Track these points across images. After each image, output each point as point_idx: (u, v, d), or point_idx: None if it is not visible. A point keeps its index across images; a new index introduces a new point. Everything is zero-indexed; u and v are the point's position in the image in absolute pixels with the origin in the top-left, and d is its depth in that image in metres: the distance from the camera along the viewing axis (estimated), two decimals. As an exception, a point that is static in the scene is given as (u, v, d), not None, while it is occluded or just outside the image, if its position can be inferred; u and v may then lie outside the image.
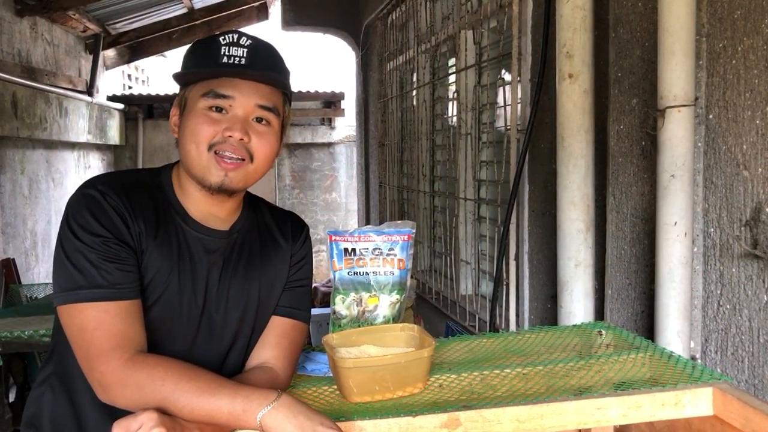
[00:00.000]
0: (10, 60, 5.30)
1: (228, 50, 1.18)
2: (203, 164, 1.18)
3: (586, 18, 2.04)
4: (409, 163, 4.76)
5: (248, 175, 1.21)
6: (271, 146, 1.22)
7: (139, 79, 11.37)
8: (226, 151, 1.17)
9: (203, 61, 1.20)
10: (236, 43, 1.19)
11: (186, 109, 1.21)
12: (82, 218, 1.13)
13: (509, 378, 1.23)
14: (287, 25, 6.59)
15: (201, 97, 1.18)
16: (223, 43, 1.19)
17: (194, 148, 1.18)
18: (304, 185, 9.37)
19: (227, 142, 1.17)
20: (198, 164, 1.18)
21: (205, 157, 1.17)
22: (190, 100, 1.21)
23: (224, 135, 1.17)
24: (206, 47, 1.21)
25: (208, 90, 1.18)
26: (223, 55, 1.18)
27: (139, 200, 1.19)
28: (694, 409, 1.13)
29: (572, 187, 2.08)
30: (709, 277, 1.68)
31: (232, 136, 1.17)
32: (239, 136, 1.17)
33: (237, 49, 1.18)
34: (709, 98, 1.66)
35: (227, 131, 1.17)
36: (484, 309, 3.22)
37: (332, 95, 9.07)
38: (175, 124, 1.24)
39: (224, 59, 1.18)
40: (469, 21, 3.44)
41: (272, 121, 1.22)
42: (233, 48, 1.18)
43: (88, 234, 1.12)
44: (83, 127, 6.79)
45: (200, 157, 1.18)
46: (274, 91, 1.23)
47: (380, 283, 1.37)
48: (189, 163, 1.20)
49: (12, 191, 5.36)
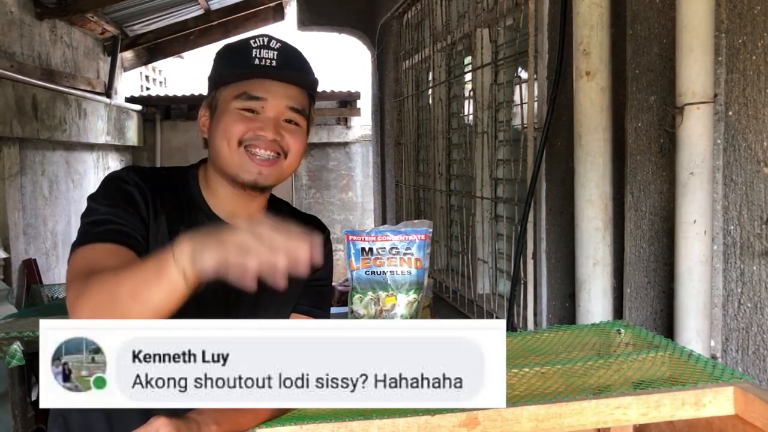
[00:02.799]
0: (31, 63, 5.37)
1: (259, 53, 1.20)
2: (236, 161, 1.20)
3: (603, 15, 2.03)
4: (425, 162, 4.75)
5: (282, 171, 1.24)
6: (302, 143, 1.25)
7: (156, 81, 11.45)
8: (257, 148, 1.20)
9: (235, 64, 1.22)
10: (267, 46, 1.21)
11: (217, 110, 1.23)
12: (103, 190, 1.19)
13: (528, 377, 1.23)
14: (303, 26, 6.61)
15: (234, 98, 1.21)
16: (254, 45, 1.21)
17: (225, 145, 1.20)
18: (320, 185, 9.39)
19: (259, 140, 1.20)
20: (230, 161, 1.21)
21: (237, 154, 1.20)
22: (221, 102, 1.23)
23: (256, 133, 1.20)
24: (237, 50, 1.23)
25: (240, 92, 1.20)
26: (254, 58, 1.20)
27: (165, 190, 1.23)
28: (715, 409, 1.12)
29: (590, 186, 2.06)
30: (730, 275, 1.66)
31: (265, 135, 1.20)
32: (272, 135, 1.20)
33: (268, 51, 1.21)
34: (728, 95, 1.64)
35: (259, 130, 1.20)
36: (501, 308, 3.21)
37: (348, 95, 9.08)
38: (204, 125, 1.27)
39: (256, 61, 1.20)
40: (485, 19, 3.43)
41: (301, 123, 1.25)
42: (264, 50, 1.20)
43: (103, 199, 1.17)
44: (102, 128, 6.86)
45: (231, 153, 1.20)
46: (303, 94, 1.26)
47: (397, 282, 1.38)
48: (221, 161, 1.22)
49: (33, 192, 5.42)
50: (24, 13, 5.30)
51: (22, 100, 4.94)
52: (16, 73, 4.91)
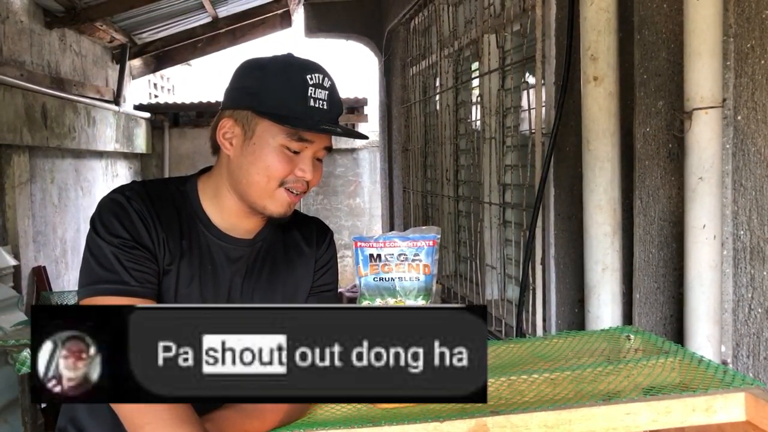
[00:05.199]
0: (40, 71, 5.40)
1: (314, 92, 1.17)
2: (269, 196, 1.20)
3: (610, 20, 2.03)
4: (432, 168, 4.75)
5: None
6: (320, 176, 1.26)
7: (164, 88, 11.51)
8: (295, 189, 1.21)
9: (290, 94, 1.17)
10: (320, 85, 1.18)
11: (255, 136, 1.19)
12: (106, 219, 1.17)
13: (537, 383, 1.22)
14: (310, 32, 6.64)
15: (282, 135, 1.17)
16: (311, 83, 1.17)
17: (265, 182, 1.19)
18: (328, 191, 9.40)
19: (299, 182, 1.20)
20: (263, 195, 1.20)
21: (275, 191, 1.20)
22: (264, 132, 1.18)
23: (297, 175, 1.20)
24: (293, 79, 1.17)
25: (293, 133, 1.17)
26: (309, 97, 1.16)
27: (164, 209, 1.22)
28: (726, 415, 1.11)
29: (598, 191, 2.06)
30: (740, 280, 1.65)
31: (305, 176, 1.20)
32: (310, 177, 1.21)
33: (321, 91, 1.18)
34: (737, 99, 1.64)
35: (300, 172, 1.20)
36: (510, 314, 3.20)
37: (355, 101, 9.10)
38: (230, 141, 1.21)
39: (311, 102, 1.17)
40: (492, 25, 3.43)
41: (324, 156, 1.26)
42: (318, 90, 1.17)
43: (110, 234, 1.16)
44: (110, 136, 6.89)
45: (269, 190, 1.20)
46: None
47: (406, 288, 1.38)
48: (251, 192, 1.21)
49: (42, 200, 5.45)
50: (34, 22, 5.34)
51: (31, 108, 4.97)
52: (26, 81, 4.94)
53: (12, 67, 4.87)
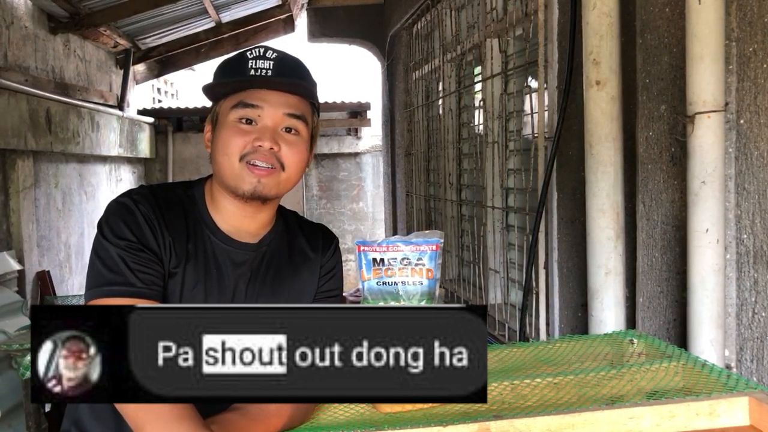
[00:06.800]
0: (44, 76, 5.42)
1: (255, 63, 1.22)
2: (235, 173, 1.21)
3: (612, 25, 2.03)
4: (435, 172, 4.76)
5: (280, 183, 1.24)
6: (301, 155, 1.25)
7: (168, 93, 11.54)
8: (257, 160, 1.21)
9: (231, 75, 1.25)
10: (263, 56, 1.23)
11: (218, 123, 1.25)
12: (113, 222, 1.19)
13: (540, 387, 1.22)
14: (313, 37, 6.65)
15: (231, 109, 1.22)
16: (250, 57, 1.23)
17: (226, 160, 1.22)
18: (331, 195, 9.41)
19: (258, 152, 1.21)
20: (230, 174, 1.22)
21: (237, 167, 1.21)
22: (221, 115, 1.25)
23: (254, 145, 1.21)
24: (234, 62, 1.25)
25: (237, 101, 1.22)
26: (250, 69, 1.22)
27: (171, 213, 1.24)
28: (729, 419, 1.11)
29: (601, 195, 2.06)
30: (743, 284, 1.65)
31: (262, 145, 1.20)
32: (269, 145, 1.20)
33: (263, 61, 1.22)
34: (740, 103, 1.64)
35: (257, 141, 1.21)
36: (513, 318, 3.20)
37: (358, 105, 9.11)
38: (208, 140, 1.29)
39: (251, 72, 1.22)
40: (494, 29, 3.44)
41: (301, 130, 1.25)
42: (260, 61, 1.22)
43: (116, 237, 1.18)
44: (114, 140, 6.91)
45: (232, 167, 1.21)
46: (302, 101, 1.26)
47: (409, 292, 1.38)
48: (222, 175, 1.24)
49: (46, 204, 5.47)
50: (38, 27, 5.36)
51: (36, 113, 4.99)
52: (31, 86, 4.96)
53: (16, 73, 4.89)
